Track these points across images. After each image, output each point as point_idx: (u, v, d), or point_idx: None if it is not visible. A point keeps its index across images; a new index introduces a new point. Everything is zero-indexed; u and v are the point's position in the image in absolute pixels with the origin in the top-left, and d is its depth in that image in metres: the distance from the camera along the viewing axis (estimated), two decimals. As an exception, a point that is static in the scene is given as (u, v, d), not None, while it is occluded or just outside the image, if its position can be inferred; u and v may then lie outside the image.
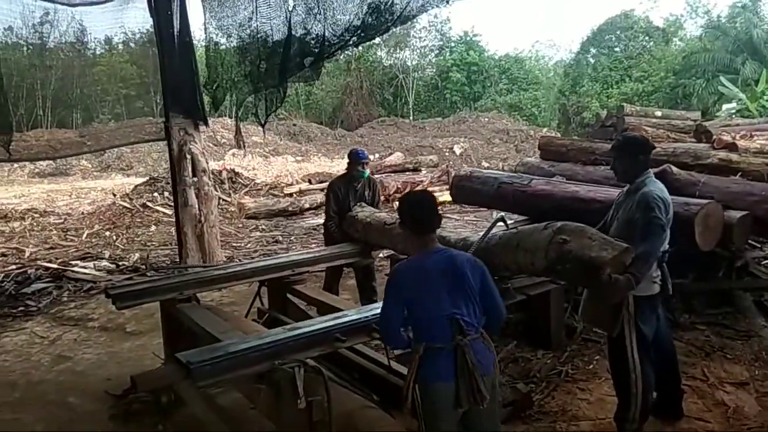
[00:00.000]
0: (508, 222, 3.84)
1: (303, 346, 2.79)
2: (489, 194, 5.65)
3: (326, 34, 4.85)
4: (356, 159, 5.21)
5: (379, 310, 3.13)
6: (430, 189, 13.72)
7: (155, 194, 12.77)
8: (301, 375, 2.57)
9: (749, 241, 5.23)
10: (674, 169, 4.93)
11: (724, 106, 21.11)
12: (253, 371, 2.65)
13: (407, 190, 13.81)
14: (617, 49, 32.72)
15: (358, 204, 5.20)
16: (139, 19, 6.91)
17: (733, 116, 18.82)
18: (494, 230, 3.69)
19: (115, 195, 13.16)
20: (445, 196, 10.24)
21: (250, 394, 3.25)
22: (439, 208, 2.73)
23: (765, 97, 20.28)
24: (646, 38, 32.52)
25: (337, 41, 4.69)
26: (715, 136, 7.15)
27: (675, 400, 3.53)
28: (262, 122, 6.40)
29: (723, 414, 3.55)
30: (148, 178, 14.60)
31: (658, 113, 12.92)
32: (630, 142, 3.41)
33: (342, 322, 3.00)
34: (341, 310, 3.56)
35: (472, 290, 2.54)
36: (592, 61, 33.43)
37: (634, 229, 3.10)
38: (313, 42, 4.90)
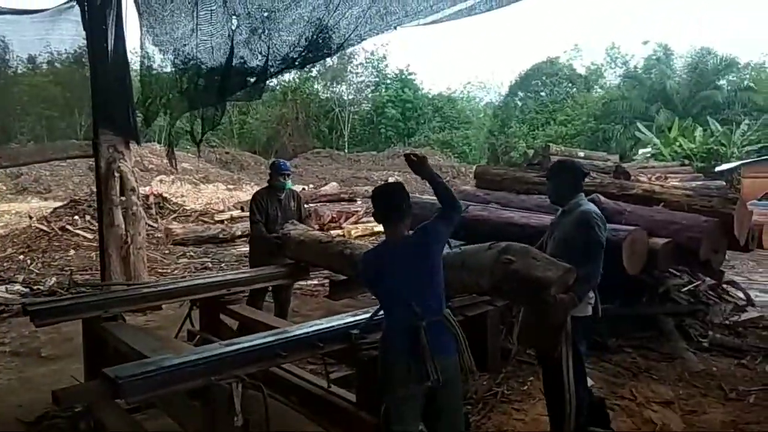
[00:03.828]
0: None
1: (242, 361, 2.65)
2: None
3: (270, 54, 4.81)
4: (277, 170, 5.28)
5: (319, 327, 3.12)
6: (364, 219, 13.75)
7: (75, 217, 12.11)
8: (238, 391, 2.45)
9: (669, 270, 5.53)
10: (602, 198, 5.17)
11: (641, 150, 22.65)
12: (187, 387, 2.49)
13: (341, 219, 13.79)
14: (543, 93, 34.58)
15: (290, 222, 5.08)
16: (69, 33, 6.63)
17: (649, 159, 20.19)
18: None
19: (31, 218, 12.38)
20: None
21: (181, 417, 3.06)
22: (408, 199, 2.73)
23: (677, 143, 21.87)
24: (570, 84, 34.57)
25: (281, 62, 4.67)
26: (633, 177, 7.64)
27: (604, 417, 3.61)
28: (197, 141, 6.23)
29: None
30: (68, 200, 13.85)
31: (581, 154, 13.67)
32: (565, 166, 3.55)
33: (284, 338, 2.89)
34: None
35: (431, 268, 2.64)
36: (519, 103, 35.11)
37: (571, 248, 3.18)
38: (256, 62, 4.84)
